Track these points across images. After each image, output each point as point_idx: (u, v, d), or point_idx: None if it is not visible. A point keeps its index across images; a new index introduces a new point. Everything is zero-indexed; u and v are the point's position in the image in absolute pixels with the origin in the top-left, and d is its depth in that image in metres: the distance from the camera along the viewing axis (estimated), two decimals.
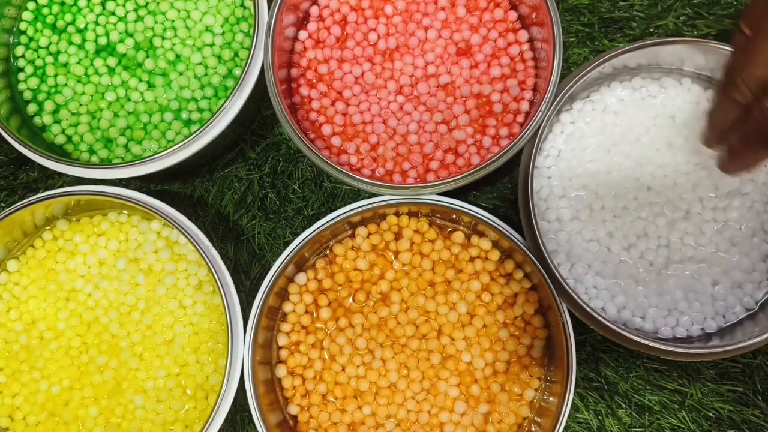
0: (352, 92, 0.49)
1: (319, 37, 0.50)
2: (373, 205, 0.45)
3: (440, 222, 0.48)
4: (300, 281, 0.47)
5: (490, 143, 0.48)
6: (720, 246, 0.46)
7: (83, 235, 0.48)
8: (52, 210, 0.46)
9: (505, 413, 0.46)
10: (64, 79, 0.50)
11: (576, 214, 0.47)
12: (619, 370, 0.49)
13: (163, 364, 0.46)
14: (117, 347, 0.46)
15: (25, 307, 0.47)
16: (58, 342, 0.46)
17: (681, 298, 0.45)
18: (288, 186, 0.52)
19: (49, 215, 0.47)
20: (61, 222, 0.48)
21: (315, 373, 0.47)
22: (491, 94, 0.48)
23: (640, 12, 0.53)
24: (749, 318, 0.45)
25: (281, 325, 0.47)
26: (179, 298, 0.47)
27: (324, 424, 0.46)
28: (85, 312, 0.46)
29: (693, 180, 0.46)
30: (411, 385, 0.46)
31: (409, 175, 0.48)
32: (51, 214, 0.47)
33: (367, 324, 0.46)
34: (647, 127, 0.47)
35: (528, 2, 0.48)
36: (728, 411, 0.49)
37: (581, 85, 0.45)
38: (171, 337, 0.46)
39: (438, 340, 0.46)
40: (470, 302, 0.46)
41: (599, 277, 0.46)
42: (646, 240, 0.46)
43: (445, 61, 0.49)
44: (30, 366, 0.46)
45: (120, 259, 0.47)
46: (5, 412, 0.46)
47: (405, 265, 0.47)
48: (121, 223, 0.48)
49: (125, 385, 0.46)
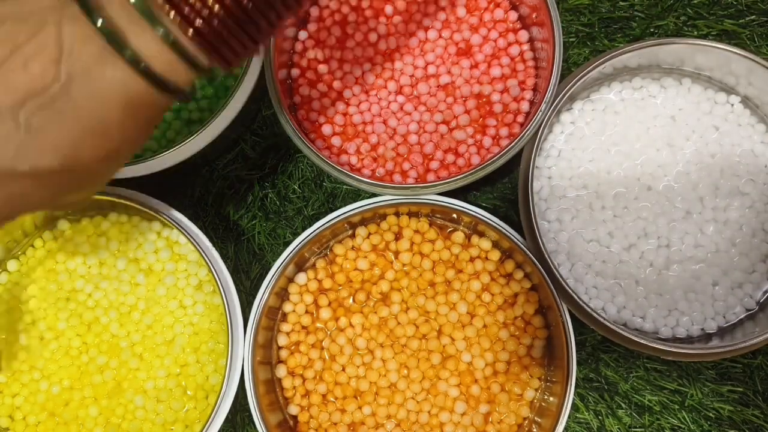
0: (352, 92, 0.49)
1: (319, 37, 0.50)
2: (373, 205, 0.45)
3: (440, 222, 0.48)
4: (300, 281, 0.47)
5: (490, 143, 0.48)
6: (720, 246, 0.46)
7: (83, 235, 0.48)
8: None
9: (505, 413, 0.46)
10: None
11: (576, 214, 0.47)
12: (619, 370, 0.49)
13: (163, 364, 0.46)
14: (117, 347, 0.46)
15: (25, 307, 0.47)
16: (58, 342, 0.46)
17: (681, 298, 0.45)
18: (288, 186, 0.52)
19: (49, 215, 0.47)
20: (62, 222, 0.48)
21: (315, 373, 0.47)
22: (491, 94, 0.48)
23: (640, 12, 0.53)
24: (749, 318, 0.45)
25: (281, 325, 0.47)
26: (179, 298, 0.47)
27: (324, 424, 0.46)
28: (85, 312, 0.46)
29: (693, 180, 0.46)
30: (411, 385, 0.46)
31: (409, 175, 0.48)
32: (51, 214, 0.47)
33: (367, 324, 0.47)
34: (647, 127, 0.47)
35: (528, 2, 0.48)
36: (728, 411, 0.49)
37: (581, 85, 0.45)
38: (171, 337, 0.46)
39: (438, 340, 0.46)
40: (470, 302, 0.46)
41: (599, 277, 0.46)
42: (646, 240, 0.46)
43: (445, 61, 0.49)
44: (30, 366, 0.46)
45: (120, 259, 0.47)
46: (5, 412, 0.46)
47: (405, 265, 0.47)
48: (121, 224, 0.48)
49: (125, 385, 0.46)
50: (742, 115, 0.47)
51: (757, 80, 0.45)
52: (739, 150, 0.47)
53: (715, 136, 0.47)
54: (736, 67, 0.45)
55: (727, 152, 0.46)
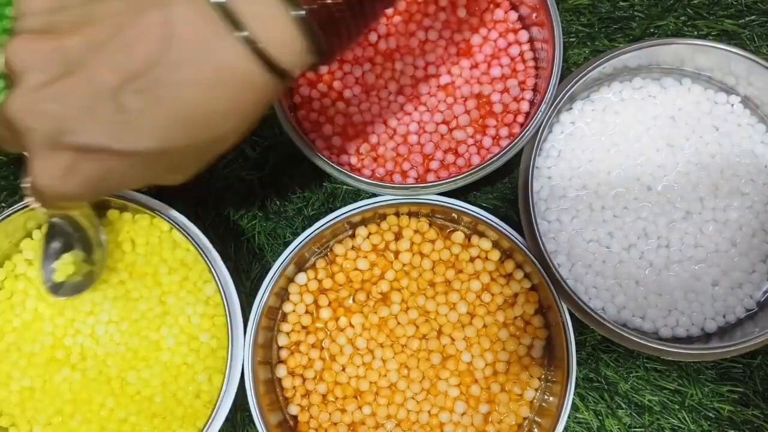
0: (352, 92, 0.49)
1: None
2: (373, 205, 0.45)
3: (440, 222, 0.48)
4: (300, 281, 0.47)
5: (490, 143, 0.48)
6: (720, 246, 0.46)
7: None
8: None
9: (505, 413, 0.46)
10: None
11: (576, 214, 0.47)
12: (619, 370, 0.49)
13: (162, 364, 0.46)
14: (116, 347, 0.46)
15: (21, 308, 0.47)
16: (58, 343, 0.46)
17: (681, 298, 0.45)
18: (288, 186, 0.52)
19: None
20: None
21: (315, 373, 0.47)
22: (491, 94, 0.48)
23: (640, 12, 0.53)
24: (749, 318, 0.45)
25: (281, 325, 0.47)
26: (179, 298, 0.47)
27: (324, 424, 0.46)
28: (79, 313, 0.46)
29: (693, 180, 0.46)
30: (411, 385, 0.46)
31: (409, 175, 0.48)
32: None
33: (367, 324, 0.47)
34: (647, 127, 0.47)
35: (528, 2, 0.48)
36: (728, 411, 0.49)
37: (581, 85, 0.45)
38: (171, 337, 0.46)
39: (438, 340, 0.46)
40: (470, 302, 0.46)
41: (599, 277, 0.46)
42: (646, 240, 0.46)
43: (445, 61, 0.49)
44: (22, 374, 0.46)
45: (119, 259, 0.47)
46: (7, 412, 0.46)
47: (405, 265, 0.47)
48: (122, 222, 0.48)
49: (126, 386, 0.46)
50: (742, 115, 0.47)
51: (757, 80, 0.45)
52: (739, 150, 0.47)
53: (715, 136, 0.47)
54: (736, 67, 0.45)
55: (727, 152, 0.47)
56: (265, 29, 0.27)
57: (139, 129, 0.27)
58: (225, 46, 0.26)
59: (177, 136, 0.28)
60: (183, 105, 0.27)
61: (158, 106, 0.27)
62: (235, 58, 0.27)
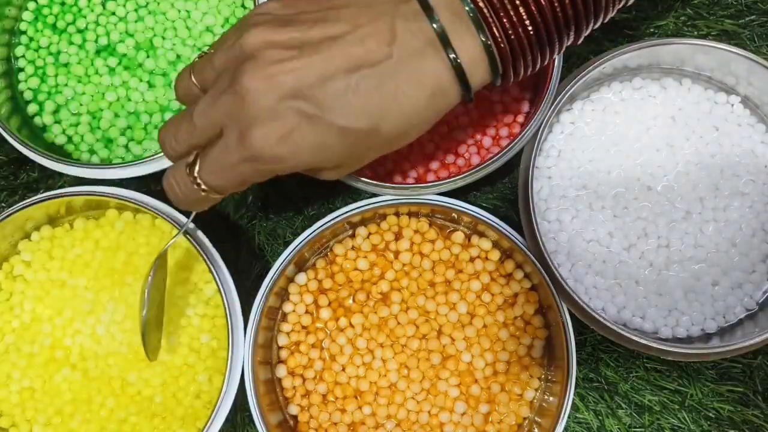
0: None
1: None
2: (373, 205, 0.45)
3: (440, 222, 0.48)
4: (300, 281, 0.47)
5: (490, 143, 0.48)
6: (720, 246, 0.46)
7: (82, 233, 0.47)
8: (65, 207, 0.46)
9: (505, 413, 0.46)
10: (64, 79, 0.50)
11: (576, 214, 0.47)
12: (619, 370, 0.49)
13: (162, 363, 0.46)
14: (117, 347, 0.46)
15: (20, 309, 0.47)
16: (58, 344, 0.46)
17: (681, 298, 0.45)
18: (288, 186, 0.52)
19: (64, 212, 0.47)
20: (58, 222, 0.48)
21: (315, 373, 0.47)
22: (491, 94, 0.48)
23: (640, 12, 0.53)
24: (749, 318, 0.45)
25: (281, 325, 0.47)
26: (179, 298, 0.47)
27: (324, 424, 0.46)
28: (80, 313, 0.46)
29: (693, 180, 0.46)
30: (411, 385, 0.46)
31: (409, 175, 0.48)
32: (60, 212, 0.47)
33: (367, 324, 0.47)
34: (647, 127, 0.47)
35: None
36: (728, 411, 0.49)
37: (581, 85, 0.45)
38: (171, 336, 0.46)
39: (438, 340, 0.46)
40: (470, 302, 0.46)
41: (599, 277, 0.46)
42: (646, 240, 0.46)
43: None
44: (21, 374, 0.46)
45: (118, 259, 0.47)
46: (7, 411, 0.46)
47: (405, 265, 0.47)
48: (123, 222, 0.48)
49: (125, 386, 0.46)
50: (742, 115, 0.47)
51: (757, 80, 0.45)
52: (739, 150, 0.47)
53: (715, 136, 0.47)
54: (736, 67, 0.45)
55: (727, 152, 0.47)
56: (465, 49, 0.32)
57: (361, 108, 0.32)
58: (436, 58, 0.32)
59: (383, 123, 0.33)
60: (396, 98, 0.32)
61: (379, 91, 0.32)
62: (443, 69, 0.33)
